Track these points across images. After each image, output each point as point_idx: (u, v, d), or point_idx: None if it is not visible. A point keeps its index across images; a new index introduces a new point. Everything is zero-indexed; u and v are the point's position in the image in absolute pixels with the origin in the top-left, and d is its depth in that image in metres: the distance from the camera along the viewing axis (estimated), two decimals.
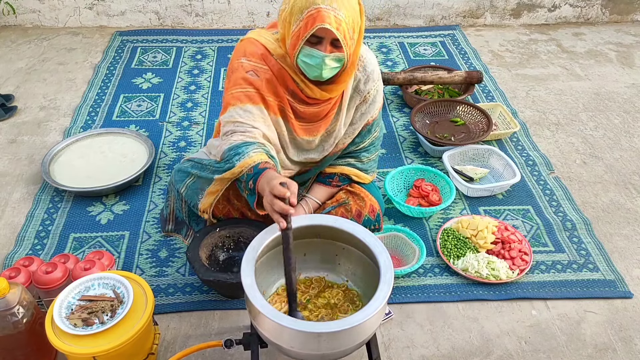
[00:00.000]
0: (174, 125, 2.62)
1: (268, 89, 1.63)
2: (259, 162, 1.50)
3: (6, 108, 2.68)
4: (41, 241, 2.00)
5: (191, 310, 1.76)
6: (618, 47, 3.44)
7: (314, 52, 1.51)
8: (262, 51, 1.62)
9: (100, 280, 1.50)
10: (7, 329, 1.41)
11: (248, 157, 1.51)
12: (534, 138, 2.60)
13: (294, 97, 1.66)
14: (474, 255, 1.92)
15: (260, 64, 1.62)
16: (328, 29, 1.45)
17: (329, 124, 1.75)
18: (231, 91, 1.63)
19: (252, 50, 1.63)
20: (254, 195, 1.49)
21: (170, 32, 3.44)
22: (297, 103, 1.67)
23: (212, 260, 1.78)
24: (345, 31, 1.47)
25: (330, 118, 1.74)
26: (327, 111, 1.72)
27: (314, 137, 1.75)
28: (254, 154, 1.52)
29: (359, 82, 1.72)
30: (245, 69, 1.62)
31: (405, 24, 3.63)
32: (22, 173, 2.32)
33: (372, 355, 1.43)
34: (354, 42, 1.55)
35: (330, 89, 1.64)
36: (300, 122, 1.72)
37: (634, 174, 2.41)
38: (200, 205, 1.76)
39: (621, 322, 1.78)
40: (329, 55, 1.51)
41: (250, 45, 1.64)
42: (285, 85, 1.64)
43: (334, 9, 1.44)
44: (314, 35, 1.48)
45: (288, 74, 1.62)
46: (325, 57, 1.51)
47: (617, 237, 2.09)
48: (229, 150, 1.56)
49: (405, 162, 2.42)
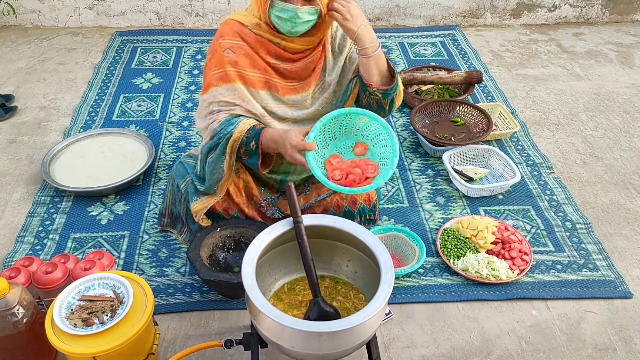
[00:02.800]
0: (174, 125, 2.62)
1: (247, 63, 1.68)
2: (254, 124, 1.65)
3: (6, 108, 2.68)
4: (41, 241, 2.00)
5: (191, 310, 1.76)
6: (618, 47, 3.44)
7: (286, 6, 1.55)
8: (237, 27, 1.68)
9: (100, 280, 1.50)
10: (7, 329, 1.41)
11: (242, 123, 1.64)
12: (534, 138, 2.60)
13: (278, 59, 1.70)
14: (474, 255, 1.92)
15: (236, 39, 1.68)
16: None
17: (318, 78, 1.77)
18: (212, 72, 1.70)
19: (226, 29, 1.70)
20: (257, 155, 1.64)
21: (170, 32, 3.44)
22: (283, 63, 1.70)
23: (212, 260, 1.78)
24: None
25: (319, 72, 1.76)
26: (314, 64, 1.74)
27: (302, 95, 1.76)
28: (247, 120, 1.66)
29: (338, 36, 1.76)
30: (222, 47, 1.69)
31: (405, 24, 3.63)
32: (22, 173, 2.32)
33: (372, 355, 1.43)
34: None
35: (309, 39, 1.67)
36: (287, 82, 1.74)
37: (634, 174, 2.41)
38: (193, 207, 1.79)
39: (621, 322, 1.78)
40: (300, 8, 1.54)
41: (224, 26, 1.71)
42: (266, 51, 1.68)
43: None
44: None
45: (265, 39, 1.67)
46: (298, 10, 1.54)
47: (617, 237, 2.09)
48: (220, 126, 1.66)
49: (405, 162, 2.42)
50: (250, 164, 1.73)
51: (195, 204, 1.80)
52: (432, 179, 2.32)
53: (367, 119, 1.62)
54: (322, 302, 1.37)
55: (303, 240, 1.37)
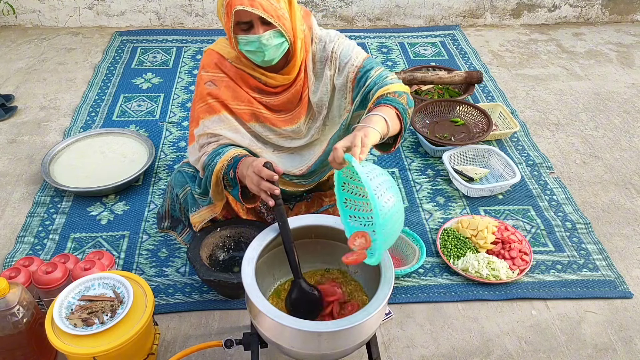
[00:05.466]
0: (174, 125, 2.62)
1: (229, 96, 1.65)
2: (238, 154, 1.58)
3: (6, 108, 2.68)
4: (41, 241, 2.00)
5: (191, 310, 1.76)
6: (618, 47, 3.44)
7: (249, 38, 1.52)
8: (217, 59, 1.66)
9: (100, 280, 1.50)
10: (7, 329, 1.41)
11: (228, 152, 1.60)
12: (534, 138, 2.60)
13: (261, 93, 1.67)
14: (474, 255, 1.92)
15: (217, 72, 1.66)
16: (245, 10, 1.46)
17: (307, 107, 1.72)
18: (198, 105, 1.68)
19: (207, 61, 1.67)
20: (237, 186, 1.55)
21: (170, 32, 3.44)
22: (267, 97, 1.68)
23: (212, 260, 1.78)
24: (263, 5, 1.47)
25: (306, 100, 1.71)
26: (299, 94, 1.70)
27: (296, 125, 1.72)
28: (234, 150, 1.61)
29: (319, 52, 1.68)
30: (204, 80, 1.67)
31: (405, 24, 3.63)
32: (22, 173, 2.32)
33: (372, 355, 1.43)
34: (286, 11, 1.53)
35: (288, 70, 1.64)
36: (279, 115, 1.71)
37: (634, 174, 2.41)
38: (191, 218, 1.80)
39: (621, 322, 1.78)
40: (263, 35, 1.51)
41: (206, 57, 1.69)
42: (247, 85, 1.66)
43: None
44: (241, 22, 1.50)
45: (246, 73, 1.64)
46: (261, 38, 1.51)
47: (617, 237, 2.09)
48: (208, 158, 1.63)
49: (405, 162, 2.42)
50: (234, 196, 1.61)
51: (194, 215, 1.79)
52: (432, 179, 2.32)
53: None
54: (304, 283, 1.38)
55: (284, 223, 1.36)
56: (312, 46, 1.67)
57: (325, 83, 1.67)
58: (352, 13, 3.57)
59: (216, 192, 1.67)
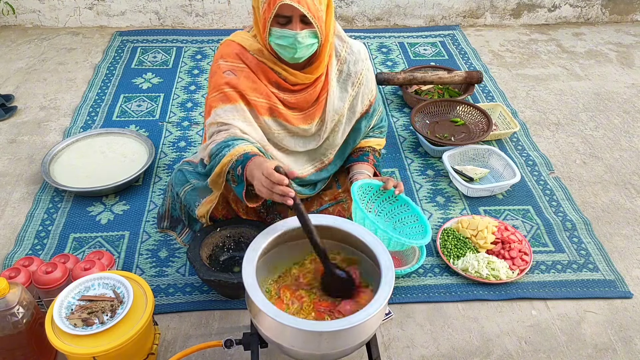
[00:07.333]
0: (174, 125, 2.62)
1: (248, 87, 1.62)
2: (249, 151, 1.50)
3: (6, 108, 2.68)
4: (41, 241, 2.00)
5: (191, 310, 1.76)
6: (618, 47, 3.44)
7: (285, 32, 1.50)
8: (238, 50, 1.64)
9: (100, 280, 1.51)
10: (7, 329, 1.41)
11: (238, 147, 1.51)
12: (534, 138, 2.60)
13: (279, 89, 1.66)
14: (474, 255, 1.92)
15: (237, 62, 1.63)
16: (292, 6, 1.45)
17: (322, 110, 1.73)
18: (212, 95, 1.64)
19: (227, 51, 1.65)
20: (242, 184, 1.47)
21: (170, 32, 3.44)
22: (284, 93, 1.67)
23: (212, 260, 1.78)
24: (309, 4, 1.46)
25: (323, 103, 1.72)
26: (316, 95, 1.70)
27: (310, 125, 1.73)
28: (245, 145, 1.53)
29: (349, 64, 1.70)
30: (222, 69, 1.63)
31: (405, 24, 3.63)
32: (22, 173, 2.32)
33: (372, 355, 1.43)
34: (324, 14, 1.53)
35: (312, 70, 1.63)
36: (294, 112, 1.71)
37: (633, 174, 2.41)
38: (197, 211, 1.77)
39: (621, 322, 1.78)
40: (300, 32, 1.50)
41: (225, 47, 1.66)
42: (267, 78, 1.64)
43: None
44: (281, 16, 1.48)
45: (267, 66, 1.63)
46: (297, 35, 1.50)
47: (617, 237, 2.09)
48: (217, 147, 1.56)
49: (405, 162, 2.42)
50: (237, 193, 1.54)
51: (199, 209, 1.77)
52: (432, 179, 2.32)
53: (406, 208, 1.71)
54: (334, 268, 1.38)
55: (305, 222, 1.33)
56: (343, 54, 1.69)
57: (344, 97, 1.74)
58: (352, 13, 3.57)
59: (215, 183, 1.62)
